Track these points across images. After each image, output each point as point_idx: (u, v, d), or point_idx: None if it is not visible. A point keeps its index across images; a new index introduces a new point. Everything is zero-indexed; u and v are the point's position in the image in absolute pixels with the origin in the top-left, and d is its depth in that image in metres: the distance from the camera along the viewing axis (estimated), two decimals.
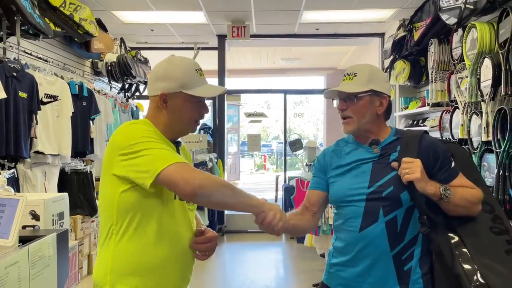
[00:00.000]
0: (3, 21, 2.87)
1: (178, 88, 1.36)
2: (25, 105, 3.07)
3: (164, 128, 1.39)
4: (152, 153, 1.24)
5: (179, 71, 1.38)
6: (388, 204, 1.42)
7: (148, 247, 1.31)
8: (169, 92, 1.36)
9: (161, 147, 1.27)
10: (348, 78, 1.52)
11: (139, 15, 5.00)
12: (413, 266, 1.43)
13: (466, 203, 1.40)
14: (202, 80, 1.41)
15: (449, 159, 1.47)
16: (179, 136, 1.46)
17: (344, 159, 1.55)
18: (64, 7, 3.58)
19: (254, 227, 1.52)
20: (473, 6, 2.87)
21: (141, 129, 1.32)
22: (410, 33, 4.14)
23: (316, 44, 6.70)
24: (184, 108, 1.38)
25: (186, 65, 1.40)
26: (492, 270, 1.32)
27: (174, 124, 1.40)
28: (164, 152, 1.26)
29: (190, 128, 1.44)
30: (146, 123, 1.37)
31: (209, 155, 5.89)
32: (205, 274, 4.64)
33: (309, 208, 1.60)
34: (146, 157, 1.24)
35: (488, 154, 2.82)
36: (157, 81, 1.39)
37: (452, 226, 1.42)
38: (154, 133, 1.32)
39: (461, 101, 3.22)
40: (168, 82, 1.37)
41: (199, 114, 1.43)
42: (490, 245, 1.39)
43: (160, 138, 1.33)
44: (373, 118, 1.51)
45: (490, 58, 2.72)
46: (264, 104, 20.23)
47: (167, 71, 1.39)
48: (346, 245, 1.49)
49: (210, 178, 1.26)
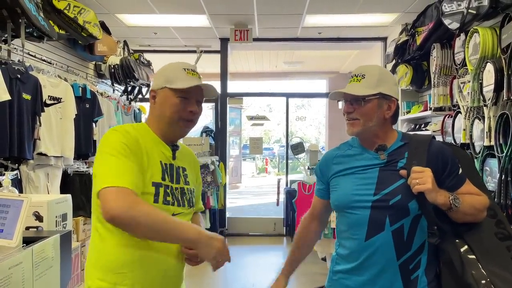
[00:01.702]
0: (8, 24, 2.89)
1: (163, 83, 1.40)
2: (29, 107, 3.08)
3: (157, 128, 1.42)
4: (105, 169, 1.25)
5: (167, 68, 1.44)
6: (395, 213, 1.37)
7: (119, 248, 1.31)
8: (156, 88, 1.42)
9: (117, 164, 1.25)
10: (356, 80, 1.45)
11: (142, 18, 5.02)
12: (419, 274, 1.39)
13: (474, 211, 1.36)
14: (189, 78, 1.41)
15: (457, 165, 1.42)
16: (171, 136, 1.44)
17: (347, 164, 1.50)
18: (68, 10, 3.60)
19: (255, 231, 1.51)
20: (476, 11, 2.88)
21: (114, 139, 1.30)
22: (413, 38, 4.15)
23: (318, 48, 6.71)
24: (167, 102, 1.39)
25: (176, 64, 1.45)
26: (501, 278, 1.30)
27: (161, 121, 1.41)
28: (116, 171, 1.23)
29: (177, 127, 1.42)
30: (133, 129, 1.37)
31: (211, 158, 5.89)
32: (206, 278, 4.64)
33: (316, 215, 1.67)
34: (101, 169, 1.26)
35: (490, 159, 2.82)
36: (153, 81, 1.47)
37: (459, 233, 1.39)
38: (126, 145, 1.29)
39: (463, 106, 3.22)
40: (157, 80, 1.43)
41: (185, 111, 1.40)
42: (496, 251, 1.36)
43: (133, 150, 1.29)
44: (380, 122, 1.44)
45: (493, 63, 2.72)
46: (266, 107, 20.24)
47: (159, 71, 1.47)
48: (351, 253, 1.45)
49: (136, 210, 1.19)
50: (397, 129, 1.56)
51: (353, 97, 1.44)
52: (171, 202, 1.37)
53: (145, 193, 1.30)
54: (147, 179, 1.32)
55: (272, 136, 21.70)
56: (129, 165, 1.26)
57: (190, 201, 1.47)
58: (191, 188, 1.49)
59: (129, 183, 1.22)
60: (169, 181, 1.38)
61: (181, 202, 1.41)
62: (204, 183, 5.57)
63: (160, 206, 1.33)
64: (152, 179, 1.33)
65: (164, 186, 1.36)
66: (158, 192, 1.33)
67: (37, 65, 3.51)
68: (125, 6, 4.58)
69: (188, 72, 1.42)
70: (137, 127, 1.41)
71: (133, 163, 1.27)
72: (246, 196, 11.18)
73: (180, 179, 1.44)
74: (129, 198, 1.20)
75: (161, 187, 1.34)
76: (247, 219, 6.74)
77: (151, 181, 1.32)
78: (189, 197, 1.46)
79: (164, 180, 1.37)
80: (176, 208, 1.38)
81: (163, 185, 1.36)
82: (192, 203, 1.48)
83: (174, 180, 1.41)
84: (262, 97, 14.96)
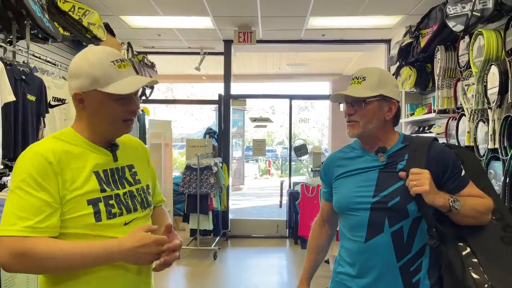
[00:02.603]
0: (13, 25, 2.91)
1: (91, 85, 1.18)
2: (34, 108, 3.09)
3: (89, 133, 1.25)
4: (10, 208, 1.12)
5: (90, 65, 1.19)
6: (394, 214, 1.38)
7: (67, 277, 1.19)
8: (82, 91, 1.20)
9: (24, 203, 1.11)
10: (357, 82, 1.45)
11: (146, 20, 5.04)
12: (421, 278, 1.38)
13: (475, 214, 1.35)
14: (121, 73, 1.21)
15: (459, 167, 1.41)
16: (111, 138, 1.29)
17: (349, 166, 1.51)
18: (73, 12, 3.62)
19: (258, 232, 1.50)
20: (480, 13, 2.87)
21: (22, 168, 1.15)
22: (417, 40, 4.14)
23: (322, 50, 6.71)
24: (104, 108, 1.21)
25: (99, 57, 1.20)
26: (503, 282, 1.28)
27: (97, 127, 1.24)
28: (20, 212, 1.10)
29: (119, 129, 1.26)
30: (54, 144, 1.20)
31: (214, 159, 5.90)
32: (209, 280, 4.64)
33: (325, 218, 1.69)
34: (7, 206, 1.13)
35: (495, 162, 2.81)
36: (71, 79, 1.22)
37: (461, 236, 1.38)
38: (38, 173, 1.13)
39: (467, 108, 3.21)
40: (80, 79, 1.19)
41: (126, 112, 1.24)
42: (501, 255, 1.34)
43: (44, 178, 1.13)
44: (381, 124, 1.45)
45: (497, 65, 2.71)
46: (269, 109, 20.24)
47: (79, 66, 1.21)
48: (351, 255, 1.47)
49: (28, 259, 1.08)
50: (400, 131, 1.56)
51: (354, 99, 1.44)
52: (118, 213, 1.22)
53: (83, 215, 1.16)
54: (80, 200, 1.17)
55: (275, 138, 21.70)
56: (34, 201, 1.11)
57: (144, 202, 1.32)
58: (143, 187, 1.35)
59: (28, 228, 1.09)
60: (111, 190, 1.23)
61: (132, 208, 1.27)
62: (207, 185, 5.57)
63: (105, 223, 1.19)
64: (86, 198, 1.18)
65: (105, 199, 1.21)
66: (98, 209, 1.18)
67: (42, 67, 3.52)
68: (129, 7, 4.60)
69: (118, 64, 1.21)
70: (63, 136, 1.24)
71: (42, 195, 1.12)
72: (249, 198, 11.18)
73: (125, 182, 1.29)
74: (18, 249, 1.08)
75: (101, 202, 1.19)
76: (250, 221, 6.73)
77: (86, 200, 1.17)
78: (141, 198, 1.32)
79: (105, 191, 1.21)
80: (127, 217, 1.24)
81: (104, 198, 1.21)
82: (147, 203, 1.34)
83: (119, 186, 1.26)
84: (265, 99, 14.94)
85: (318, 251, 1.71)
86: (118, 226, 1.21)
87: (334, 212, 1.62)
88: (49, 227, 1.12)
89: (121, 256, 1.14)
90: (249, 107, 13.17)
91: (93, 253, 1.13)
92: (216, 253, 5.31)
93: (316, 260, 1.70)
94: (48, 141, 1.22)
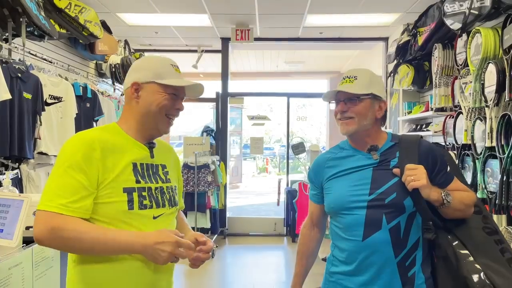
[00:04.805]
0: (9, 23, 2.89)
1: (151, 77, 1.33)
2: (30, 106, 3.08)
3: (132, 129, 1.35)
4: (46, 187, 1.21)
5: (154, 62, 1.38)
6: (391, 211, 1.41)
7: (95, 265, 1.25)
8: (141, 81, 1.33)
9: (58, 182, 1.20)
10: (348, 81, 1.49)
11: (143, 17, 5.01)
12: (416, 271, 1.42)
13: (463, 207, 1.42)
14: (177, 75, 1.38)
15: (446, 163, 1.49)
16: (151, 133, 1.38)
17: (340, 166, 1.52)
18: (69, 9, 3.60)
19: (255, 231, 1.50)
20: (478, 11, 2.87)
21: (68, 151, 1.23)
22: (414, 38, 4.14)
23: (319, 48, 6.70)
24: (156, 98, 1.33)
25: (162, 59, 1.40)
26: (494, 270, 1.34)
27: (144, 118, 1.34)
28: (55, 190, 1.19)
29: (161, 122, 1.36)
30: (100, 134, 1.30)
31: (211, 157, 5.89)
32: (206, 278, 4.64)
33: (315, 221, 1.69)
34: (48, 184, 1.21)
35: (492, 160, 2.81)
36: (133, 72, 1.37)
37: (449, 229, 1.44)
38: (82, 157, 1.21)
39: (465, 106, 3.21)
40: (142, 72, 1.35)
41: (172, 108, 1.36)
42: (486, 245, 1.41)
43: (89, 162, 1.22)
44: (373, 122, 1.50)
45: (495, 63, 2.71)
46: (267, 107, 20.23)
47: (143, 62, 1.39)
48: (348, 254, 1.47)
49: (57, 236, 1.16)
50: (388, 131, 1.63)
51: (348, 96, 1.48)
52: (148, 205, 1.30)
53: (117, 201, 1.24)
54: (116, 187, 1.25)
55: (272, 136, 21.69)
56: (73, 182, 1.19)
57: (172, 200, 1.40)
58: (172, 186, 1.42)
59: (62, 205, 1.17)
60: (145, 183, 1.31)
61: (161, 203, 1.34)
62: (204, 183, 5.56)
63: (136, 212, 1.26)
64: (122, 185, 1.26)
65: (139, 190, 1.28)
66: (131, 198, 1.26)
67: (38, 64, 3.51)
68: (126, 5, 4.57)
69: (175, 69, 1.39)
70: (107, 129, 1.35)
71: (81, 178, 1.20)
72: (247, 196, 11.19)
73: (158, 178, 1.37)
74: (51, 224, 1.15)
75: (135, 192, 1.27)
76: (247, 219, 6.74)
77: (122, 188, 1.25)
78: (169, 196, 1.39)
79: (139, 183, 1.29)
80: (156, 210, 1.32)
81: (138, 189, 1.28)
82: (175, 201, 1.41)
83: (152, 180, 1.34)
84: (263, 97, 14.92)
85: (309, 255, 1.71)
86: (147, 218, 1.29)
87: (324, 215, 1.64)
88: (81, 208, 1.19)
89: (143, 249, 1.20)
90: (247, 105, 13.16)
91: (117, 240, 1.19)
92: (214, 251, 5.30)
93: (307, 264, 1.71)
94: (94, 131, 1.34)
